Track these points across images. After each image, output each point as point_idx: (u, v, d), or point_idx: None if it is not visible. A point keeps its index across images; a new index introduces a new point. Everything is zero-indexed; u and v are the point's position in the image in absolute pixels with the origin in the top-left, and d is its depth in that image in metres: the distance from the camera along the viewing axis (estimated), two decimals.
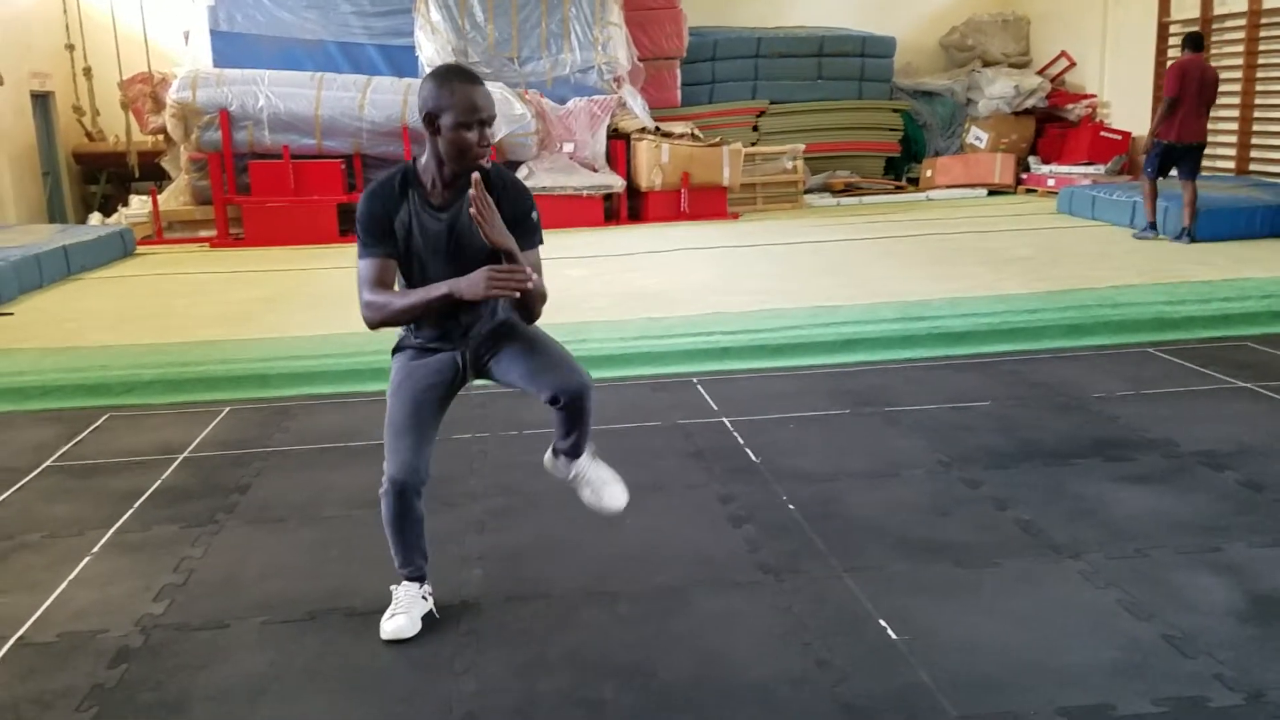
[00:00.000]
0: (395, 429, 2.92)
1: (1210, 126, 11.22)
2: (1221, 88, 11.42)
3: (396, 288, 2.91)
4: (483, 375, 3.08)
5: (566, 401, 2.94)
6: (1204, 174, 11.47)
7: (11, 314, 7.51)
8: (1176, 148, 8.80)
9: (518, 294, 2.74)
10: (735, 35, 14.52)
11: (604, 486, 3.21)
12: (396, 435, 2.91)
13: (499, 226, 2.72)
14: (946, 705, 2.58)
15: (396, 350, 3.07)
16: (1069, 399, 5.08)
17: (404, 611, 3.05)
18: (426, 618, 3.08)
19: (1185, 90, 8.71)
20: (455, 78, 2.76)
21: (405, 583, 3.11)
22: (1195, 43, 9.00)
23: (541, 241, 2.97)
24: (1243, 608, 3.01)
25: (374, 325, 2.85)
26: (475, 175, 2.71)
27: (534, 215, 2.92)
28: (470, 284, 2.72)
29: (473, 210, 2.69)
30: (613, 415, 5.08)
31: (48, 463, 4.70)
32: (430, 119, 2.75)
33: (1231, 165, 11.61)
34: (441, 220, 2.85)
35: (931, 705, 2.58)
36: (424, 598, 3.11)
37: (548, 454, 3.26)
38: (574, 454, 3.18)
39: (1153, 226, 9.09)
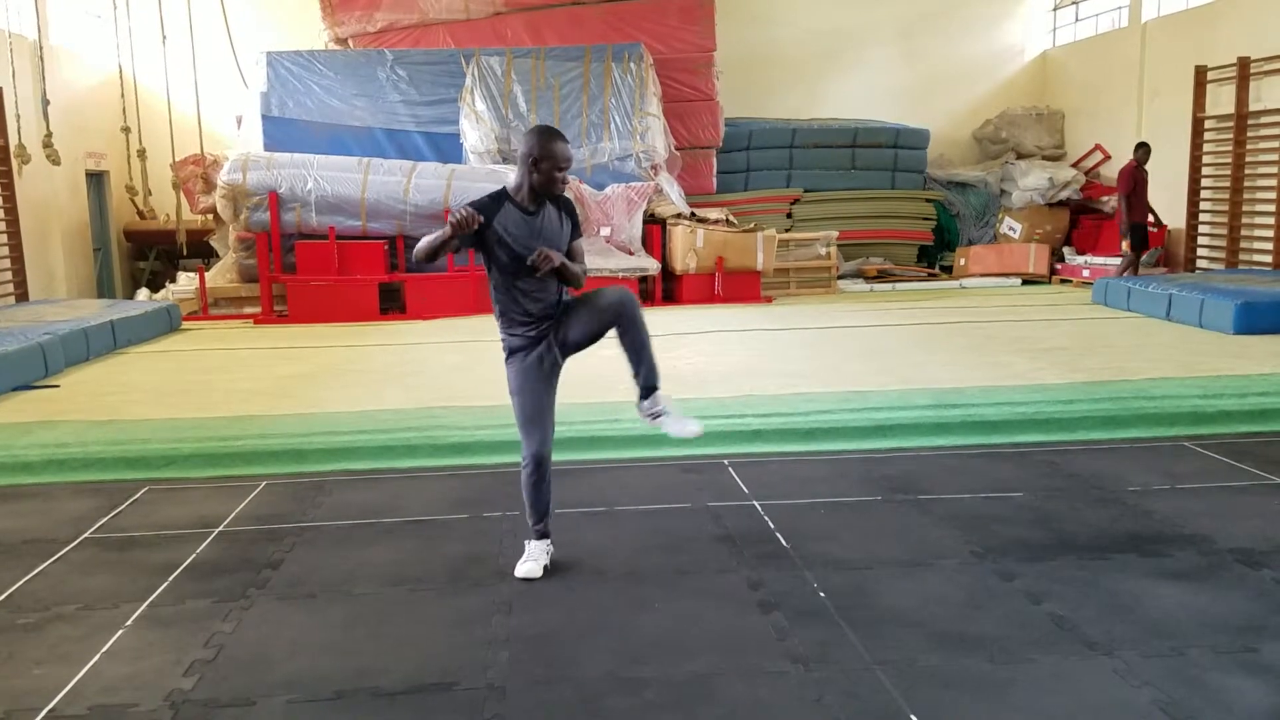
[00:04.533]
0: (528, 419, 4.00)
1: (1247, 220, 11.65)
2: (1259, 182, 11.83)
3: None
4: (566, 350, 4.02)
5: (616, 320, 3.98)
6: (1242, 267, 11.52)
7: (57, 386, 7.68)
8: None
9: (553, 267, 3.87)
10: (770, 126, 14.85)
11: (682, 422, 4.09)
12: (530, 424, 4.00)
13: (556, 259, 3.86)
14: None
15: (510, 355, 4.02)
16: (1104, 492, 5.03)
17: (535, 560, 4.09)
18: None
19: None
20: (556, 137, 3.92)
21: (537, 540, 4.13)
22: None
23: (583, 234, 4.20)
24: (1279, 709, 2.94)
25: (416, 260, 3.92)
26: (542, 250, 3.85)
27: (578, 214, 4.14)
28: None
29: (541, 260, 3.83)
30: (644, 496, 5.10)
31: (86, 534, 4.77)
32: (534, 161, 3.88)
33: (1269, 259, 11.57)
34: (530, 219, 3.95)
35: None
36: (547, 551, 4.13)
37: (636, 403, 4.13)
38: (649, 387, 4.06)
39: None
